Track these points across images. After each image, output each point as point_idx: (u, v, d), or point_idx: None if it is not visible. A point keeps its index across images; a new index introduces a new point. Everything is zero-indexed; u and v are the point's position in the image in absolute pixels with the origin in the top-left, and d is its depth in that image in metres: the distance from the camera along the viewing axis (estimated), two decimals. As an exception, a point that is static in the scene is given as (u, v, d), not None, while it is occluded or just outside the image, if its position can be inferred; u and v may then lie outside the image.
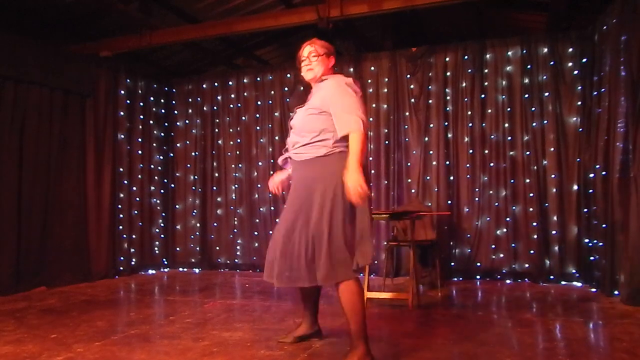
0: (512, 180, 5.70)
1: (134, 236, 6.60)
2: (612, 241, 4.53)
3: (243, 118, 6.90)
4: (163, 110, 7.22)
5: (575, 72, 5.51)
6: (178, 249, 7.12)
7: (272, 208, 6.65)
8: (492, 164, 5.79)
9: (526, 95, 5.67)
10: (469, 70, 5.89)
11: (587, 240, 5.29)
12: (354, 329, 2.64)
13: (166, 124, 7.26)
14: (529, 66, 5.67)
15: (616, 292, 4.48)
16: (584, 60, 5.40)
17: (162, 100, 7.21)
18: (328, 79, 2.84)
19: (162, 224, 7.11)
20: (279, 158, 3.13)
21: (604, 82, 4.80)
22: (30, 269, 5.25)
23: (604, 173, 4.75)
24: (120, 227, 6.40)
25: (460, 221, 5.87)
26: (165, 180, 7.20)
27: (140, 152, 6.73)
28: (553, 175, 5.55)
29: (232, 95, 6.98)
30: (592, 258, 5.14)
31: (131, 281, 6.02)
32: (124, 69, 6.50)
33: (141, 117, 6.78)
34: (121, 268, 6.35)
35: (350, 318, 2.66)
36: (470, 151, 5.88)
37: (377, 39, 7.14)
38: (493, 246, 5.73)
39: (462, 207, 5.88)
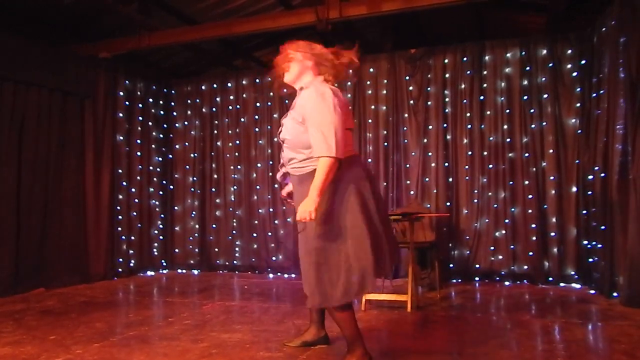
0: (511, 182, 5.70)
1: (132, 237, 6.59)
2: (611, 243, 4.53)
3: (242, 119, 6.90)
4: (162, 112, 7.22)
5: (574, 73, 5.52)
6: (177, 250, 7.11)
7: (271, 210, 6.64)
8: (491, 166, 5.79)
9: (525, 97, 5.67)
10: (468, 72, 5.89)
11: (586, 242, 5.29)
12: (346, 335, 2.65)
13: (165, 126, 7.26)
14: (528, 68, 5.67)
15: (615, 294, 4.48)
16: (583, 61, 5.41)
17: (161, 102, 7.21)
18: (308, 88, 2.66)
19: (161, 226, 7.10)
20: (277, 174, 2.98)
21: (603, 84, 4.81)
22: (29, 270, 5.24)
23: (603, 175, 4.75)
24: (119, 229, 6.39)
25: (459, 223, 5.87)
26: (164, 182, 7.20)
27: (139, 153, 6.73)
28: (552, 177, 5.55)
29: (231, 97, 6.98)
30: (591, 260, 5.14)
31: (130, 282, 6.01)
32: (123, 70, 6.50)
33: (140, 118, 6.78)
34: (120, 269, 6.34)
35: (341, 329, 2.67)
36: (469, 153, 5.88)
37: (376, 41, 7.13)
38: (492, 248, 5.72)
39: (461, 209, 5.88)
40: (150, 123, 6.97)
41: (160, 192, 7.13)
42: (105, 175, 6.18)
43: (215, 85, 7.07)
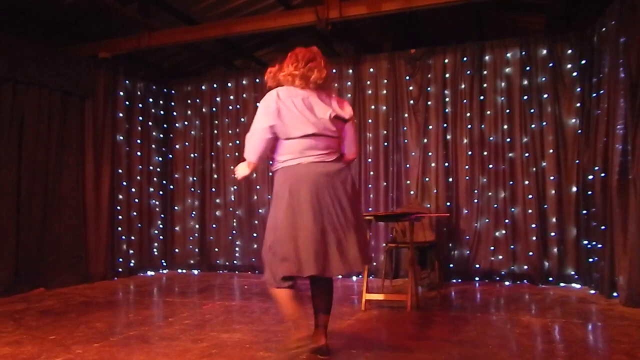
0: (511, 182, 5.70)
1: (132, 237, 6.59)
2: (611, 243, 4.53)
3: (242, 119, 6.90)
4: (162, 112, 7.22)
5: (574, 73, 5.52)
6: (177, 250, 7.11)
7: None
8: (491, 166, 5.79)
9: (525, 97, 5.67)
10: (468, 72, 5.89)
11: (586, 242, 5.28)
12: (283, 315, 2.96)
13: (165, 125, 7.26)
14: (528, 68, 5.67)
15: (615, 294, 4.47)
16: (583, 61, 5.41)
17: (161, 102, 7.21)
18: None
19: (161, 226, 7.10)
20: None
21: (603, 84, 4.81)
22: (29, 270, 5.24)
23: (603, 175, 4.75)
24: (119, 229, 6.39)
25: (459, 223, 5.87)
26: (164, 182, 7.20)
27: (139, 153, 6.73)
28: (552, 177, 5.55)
29: (231, 97, 6.98)
30: (591, 260, 5.13)
31: (130, 282, 6.01)
32: (123, 70, 6.50)
33: (140, 118, 6.78)
34: (120, 269, 6.35)
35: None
36: (469, 153, 5.88)
37: (376, 41, 7.14)
38: (492, 248, 5.72)
39: (461, 209, 5.88)
40: (150, 123, 6.97)
41: (160, 192, 7.13)
42: (105, 175, 6.18)
43: (215, 85, 7.07)
